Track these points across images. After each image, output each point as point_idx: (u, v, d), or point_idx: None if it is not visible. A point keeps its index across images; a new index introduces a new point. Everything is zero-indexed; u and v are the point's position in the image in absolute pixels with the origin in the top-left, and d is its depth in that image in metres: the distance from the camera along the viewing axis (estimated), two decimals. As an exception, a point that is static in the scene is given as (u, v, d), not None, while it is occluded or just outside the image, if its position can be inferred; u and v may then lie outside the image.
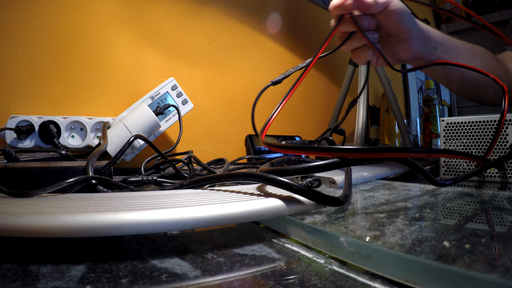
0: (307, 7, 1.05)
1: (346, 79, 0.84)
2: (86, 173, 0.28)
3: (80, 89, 0.57)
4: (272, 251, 0.18)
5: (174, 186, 0.28)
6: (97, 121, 0.51)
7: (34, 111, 0.51)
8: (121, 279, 0.14)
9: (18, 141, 0.47)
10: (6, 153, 0.29)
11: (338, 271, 0.15)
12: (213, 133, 0.76)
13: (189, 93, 0.64)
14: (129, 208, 0.17)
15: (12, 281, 0.14)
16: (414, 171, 0.28)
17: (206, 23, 0.76)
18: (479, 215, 0.22)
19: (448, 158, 0.39)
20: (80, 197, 0.21)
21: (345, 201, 0.22)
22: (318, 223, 0.19)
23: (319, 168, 0.22)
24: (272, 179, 0.21)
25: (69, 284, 0.13)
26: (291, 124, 0.95)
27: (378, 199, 0.27)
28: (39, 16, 0.52)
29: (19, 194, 0.21)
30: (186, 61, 0.72)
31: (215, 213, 0.18)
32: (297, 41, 1.01)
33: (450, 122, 0.39)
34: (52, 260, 0.16)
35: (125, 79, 0.62)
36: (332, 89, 1.11)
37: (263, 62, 0.89)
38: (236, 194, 0.23)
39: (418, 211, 0.23)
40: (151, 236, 0.20)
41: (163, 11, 0.68)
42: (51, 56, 0.53)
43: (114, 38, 0.61)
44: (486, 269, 0.12)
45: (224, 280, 0.14)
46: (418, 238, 0.16)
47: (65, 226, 0.15)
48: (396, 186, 0.34)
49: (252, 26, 0.87)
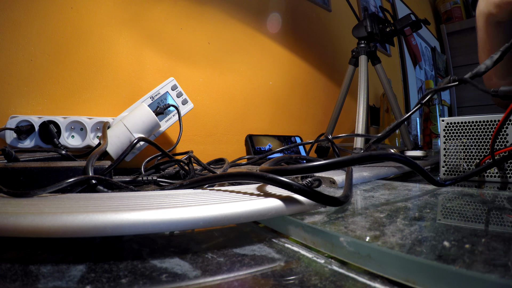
0: (307, 7, 1.05)
1: (346, 79, 0.84)
2: (86, 173, 0.28)
3: (80, 89, 0.57)
4: (272, 251, 0.18)
5: (174, 186, 0.28)
6: (97, 121, 0.51)
7: (34, 111, 0.51)
8: (121, 279, 0.14)
9: (18, 141, 0.47)
10: (6, 153, 0.29)
11: (338, 271, 0.15)
12: (213, 133, 0.76)
13: (189, 93, 0.64)
14: (129, 208, 0.17)
15: (12, 281, 0.14)
16: (414, 171, 0.28)
17: (206, 23, 0.76)
18: (479, 215, 0.22)
19: (446, 159, 0.39)
20: (80, 197, 0.21)
21: (345, 201, 0.22)
22: (318, 223, 0.19)
23: (319, 167, 0.22)
24: (272, 178, 0.21)
25: (69, 284, 0.13)
26: (291, 124, 0.95)
27: (378, 199, 0.27)
28: (39, 16, 0.52)
29: (19, 194, 0.21)
30: (186, 61, 0.72)
31: (215, 213, 0.18)
32: (297, 41, 1.01)
33: (450, 122, 0.39)
34: (52, 260, 0.16)
35: (125, 79, 0.62)
36: (332, 89, 1.11)
37: (263, 62, 0.89)
38: (236, 194, 0.23)
39: (418, 211, 0.23)
40: (151, 236, 0.20)
41: (163, 11, 0.68)
42: (51, 56, 0.53)
43: (114, 38, 0.61)
44: (486, 269, 0.12)
45: (224, 280, 0.14)
46: (418, 238, 0.16)
47: (65, 226, 0.15)
48: (396, 186, 0.34)
49: (252, 26, 0.87)
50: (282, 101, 0.93)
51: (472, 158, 0.38)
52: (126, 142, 0.48)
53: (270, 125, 0.89)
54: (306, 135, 0.96)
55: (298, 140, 0.88)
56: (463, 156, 0.38)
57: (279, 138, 0.83)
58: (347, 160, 0.22)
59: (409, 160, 0.26)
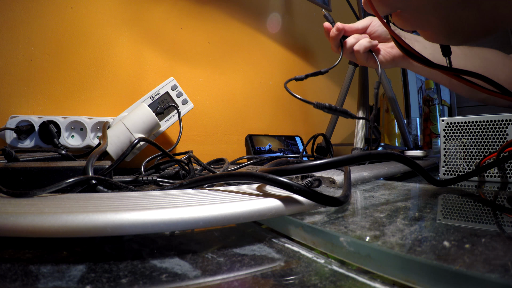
0: (307, 7, 1.05)
1: (346, 79, 0.84)
2: (86, 173, 0.28)
3: (80, 89, 0.57)
4: (272, 251, 0.18)
5: (174, 186, 0.28)
6: (97, 121, 0.51)
7: (34, 111, 0.51)
8: (121, 279, 0.14)
9: (18, 141, 0.47)
10: (6, 153, 0.29)
11: (338, 271, 0.15)
12: (213, 133, 0.76)
13: (189, 93, 0.64)
14: (129, 208, 0.17)
15: (12, 281, 0.14)
16: (414, 170, 0.28)
17: (206, 23, 0.76)
18: (479, 215, 0.22)
19: (446, 158, 0.39)
20: (80, 197, 0.21)
21: (345, 201, 0.22)
22: (318, 223, 0.19)
23: (319, 167, 0.22)
24: (272, 179, 0.21)
25: (69, 284, 0.13)
26: (291, 124, 0.95)
27: (378, 199, 0.27)
28: (39, 16, 0.52)
29: (19, 194, 0.21)
30: (186, 61, 0.72)
31: (215, 213, 0.18)
32: (297, 41, 1.01)
33: (450, 122, 0.39)
34: (52, 260, 0.16)
35: (125, 79, 0.62)
36: (332, 89, 1.11)
37: (263, 62, 0.89)
38: (236, 194, 0.23)
39: (418, 211, 0.23)
40: (151, 236, 0.20)
41: (163, 11, 0.68)
42: (51, 56, 0.53)
43: (114, 38, 0.61)
44: (486, 269, 0.12)
45: (224, 280, 0.14)
46: (418, 238, 0.16)
47: (65, 226, 0.15)
48: (396, 186, 0.34)
49: (252, 26, 0.87)
50: (282, 101, 0.93)
51: (472, 158, 0.38)
52: (126, 142, 0.48)
53: (270, 125, 0.89)
54: (306, 135, 0.96)
55: (298, 140, 0.88)
56: (463, 156, 0.38)
57: (279, 138, 0.83)
58: (346, 159, 0.22)
59: (409, 160, 0.26)
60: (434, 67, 0.26)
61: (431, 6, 0.23)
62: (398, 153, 0.25)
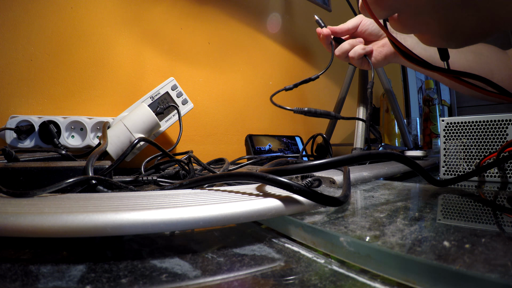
0: (307, 7, 1.05)
1: (346, 79, 0.84)
2: (86, 173, 0.28)
3: (80, 89, 0.57)
4: (272, 251, 0.18)
5: (173, 186, 0.28)
6: (97, 121, 0.51)
7: (34, 111, 0.51)
8: (121, 279, 0.14)
9: (18, 141, 0.47)
10: (6, 153, 0.29)
11: (338, 271, 0.15)
12: (213, 133, 0.76)
13: (189, 93, 0.64)
14: (129, 208, 0.17)
15: (12, 281, 0.14)
16: (414, 171, 0.28)
17: (206, 23, 0.76)
18: (479, 215, 0.22)
19: (446, 158, 0.39)
20: (80, 197, 0.21)
21: (345, 201, 0.22)
22: (318, 223, 0.19)
23: (319, 167, 0.22)
24: (272, 179, 0.21)
25: (69, 284, 0.13)
26: (291, 124, 0.95)
27: (378, 199, 0.27)
28: (39, 16, 0.52)
29: (19, 194, 0.21)
30: (186, 61, 0.72)
31: (215, 213, 0.18)
32: (297, 41, 1.01)
33: (450, 122, 0.39)
34: (52, 260, 0.16)
35: (125, 79, 0.62)
36: (332, 89, 1.11)
37: (263, 62, 0.89)
38: (236, 194, 0.23)
39: (418, 211, 0.23)
40: (151, 236, 0.20)
41: (163, 11, 0.68)
42: (51, 56, 0.53)
43: (114, 38, 0.61)
44: (486, 269, 0.12)
45: (224, 280, 0.14)
46: (418, 238, 0.16)
47: (65, 226, 0.15)
48: (396, 186, 0.34)
49: (252, 26, 0.87)
50: (282, 101, 0.93)
51: (472, 158, 0.38)
52: (126, 142, 0.48)
53: (270, 125, 0.89)
54: (306, 135, 0.96)
55: (298, 140, 0.88)
56: (463, 156, 0.38)
57: (279, 138, 0.83)
58: (346, 159, 0.22)
59: (409, 159, 0.26)
60: (433, 69, 0.26)
61: (429, 8, 0.23)
62: (398, 153, 0.25)
